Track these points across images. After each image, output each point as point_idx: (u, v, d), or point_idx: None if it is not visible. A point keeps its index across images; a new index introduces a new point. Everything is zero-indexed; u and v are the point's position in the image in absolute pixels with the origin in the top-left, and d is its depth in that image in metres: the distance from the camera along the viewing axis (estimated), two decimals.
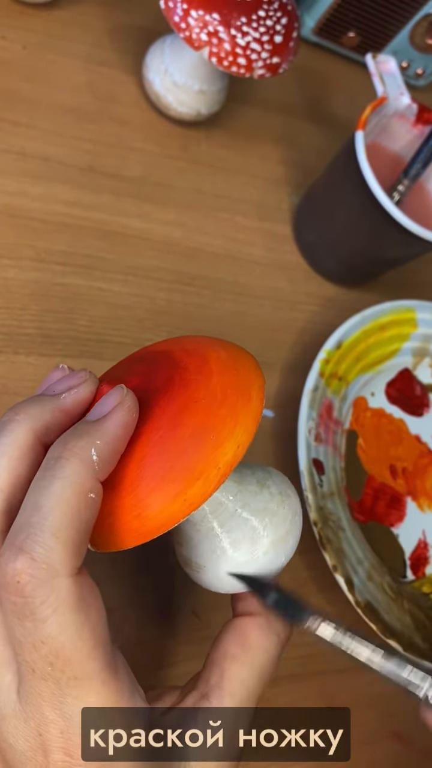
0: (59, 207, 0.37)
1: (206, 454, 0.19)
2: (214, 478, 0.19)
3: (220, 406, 0.19)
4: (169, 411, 0.20)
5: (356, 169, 0.36)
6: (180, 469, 0.19)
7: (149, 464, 0.19)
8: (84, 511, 0.18)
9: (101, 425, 0.19)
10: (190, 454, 0.19)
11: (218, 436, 0.19)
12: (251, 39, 0.35)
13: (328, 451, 0.37)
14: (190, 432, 0.19)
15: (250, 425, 0.19)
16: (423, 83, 0.56)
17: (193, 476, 0.19)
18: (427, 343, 0.44)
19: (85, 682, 0.18)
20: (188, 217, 0.41)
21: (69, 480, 0.18)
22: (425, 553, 0.39)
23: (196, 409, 0.19)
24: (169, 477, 0.19)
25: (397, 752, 0.34)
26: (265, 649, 0.22)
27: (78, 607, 0.17)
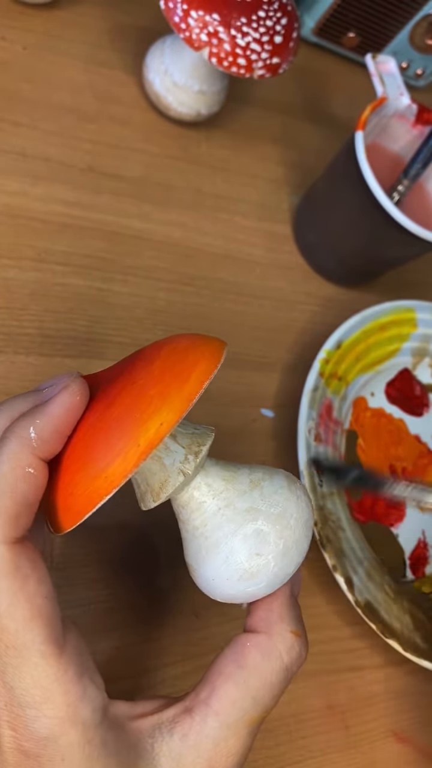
0: (59, 207, 0.37)
1: (127, 431, 0.19)
2: (133, 455, 0.19)
3: (152, 387, 0.20)
4: (108, 395, 0.20)
5: (356, 170, 0.36)
6: (101, 448, 0.19)
7: (79, 445, 0.20)
8: (20, 484, 0.19)
9: (44, 406, 0.20)
10: (113, 432, 0.19)
11: (142, 414, 0.19)
12: (251, 39, 0.35)
13: (328, 451, 0.37)
14: (118, 412, 0.19)
15: (178, 405, 0.19)
16: (423, 84, 0.56)
17: (112, 453, 0.19)
18: (427, 343, 0.44)
19: (23, 652, 0.18)
20: (188, 218, 0.41)
21: (5, 456, 0.19)
22: (425, 553, 0.39)
23: (129, 390, 0.20)
24: (92, 456, 0.19)
25: (397, 752, 0.34)
26: (262, 672, 0.20)
27: (13, 575, 0.18)
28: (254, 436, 0.37)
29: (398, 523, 0.39)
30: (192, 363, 0.20)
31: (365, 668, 0.35)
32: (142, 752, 0.19)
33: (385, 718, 0.35)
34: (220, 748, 0.20)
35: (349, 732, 0.34)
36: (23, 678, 0.18)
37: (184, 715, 0.20)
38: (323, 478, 0.21)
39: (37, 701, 0.18)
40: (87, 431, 0.20)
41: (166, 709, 0.20)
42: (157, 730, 0.20)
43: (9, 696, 0.18)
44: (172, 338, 0.22)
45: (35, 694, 0.18)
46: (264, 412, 0.38)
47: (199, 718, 0.20)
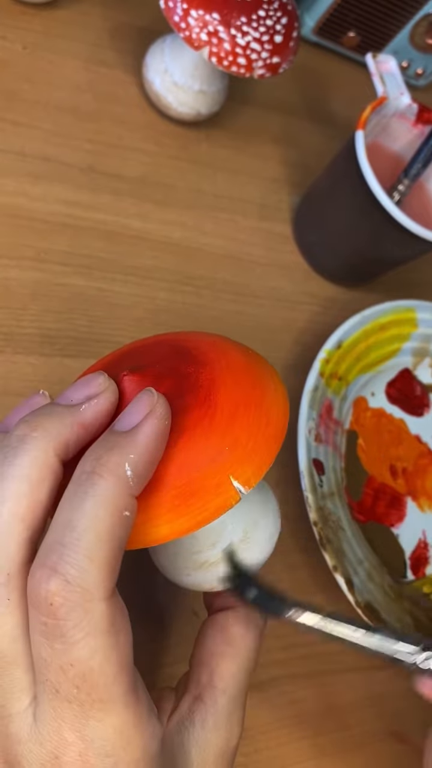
0: (59, 207, 0.37)
1: (219, 480, 0.19)
2: (216, 510, 0.19)
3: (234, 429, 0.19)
4: (179, 416, 0.19)
5: (356, 169, 0.36)
6: (197, 491, 0.19)
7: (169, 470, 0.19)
8: (118, 530, 0.17)
9: (134, 437, 0.18)
10: (205, 477, 0.19)
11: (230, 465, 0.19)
12: (251, 39, 0.35)
13: (328, 451, 0.37)
14: (202, 448, 0.19)
15: (263, 458, 0.19)
16: (423, 83, 0.56)
17: (203, 502, 0.19)
18: (427, 343, 0.44)
19: (109, 705, 0.17)
20: (188, 217, 0.41)
21: (102, 498, 0.17)
22: (425, 554, 0.39)
23: (209, 422, 0.19)
24: (186, 495, 0.19)
25: (398, 752, 0.34)
26: (248, 642, 0.22)
27: (109, 631, 0.17)
28: None
29: (399, 523, 0.39)
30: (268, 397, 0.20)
31: (365, 669, 0.35)
32: (177, 751, 0.20)
33: (385, 719, 0.35)
34: (232, 721, 0.21)
35: (350, 732, 0.33)
36: (105, 729, 0.17)
37: (197, 703, 0.21)
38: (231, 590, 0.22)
39: (117, 749, 0.18)
40: (177, 464, 0.19)
41: (179, 704, 0.21)
42: (182, 726, 0.21)
43: (85, 747, 0.17)
44: (215, 344, 0.22)
45: (116, 743, 0.18)
46: None
47: (211, 701, 0.21)
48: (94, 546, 0.16)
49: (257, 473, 0.19)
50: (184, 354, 0.21)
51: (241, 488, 0.19)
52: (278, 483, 0.36)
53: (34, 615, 0.17)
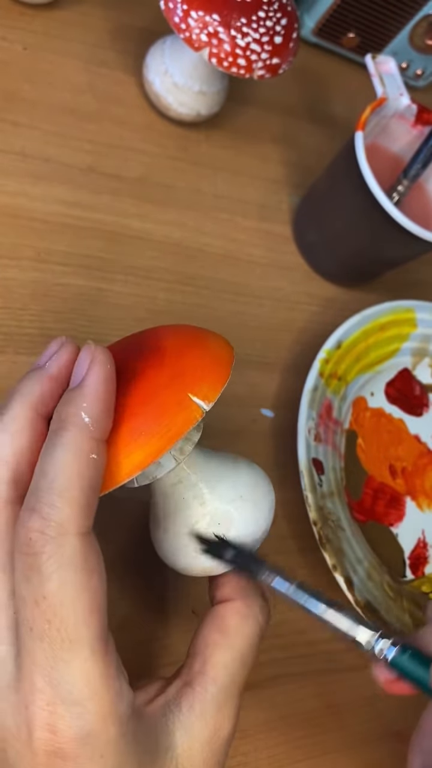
0: (59, 207, 0.37)
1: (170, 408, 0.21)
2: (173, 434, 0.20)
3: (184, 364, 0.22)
4: (134, 368, 0.21)
5: (356, 170, 0.36)
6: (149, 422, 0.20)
7: (125, 415, 0.21)
8: (86, 471, 0.19)
9: (83, 388, 0.20)
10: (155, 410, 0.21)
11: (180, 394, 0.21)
12: (251, 40, 0.35)
13: (327, 451, 0.37)
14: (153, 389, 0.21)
15: (215, 384, 0.22)
16: (422, 84, 0.56)
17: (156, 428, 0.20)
18: (427, 344, 0.44)
19: (77, 647, 0.18)
20: (188, 218, 0.41)
21: (68, 446, 0.19)
22: (424, 553, 0.39)
23: (159, 368, 0.21)
24: (140, 427, 0.20)
25: (397, 751, 0.34)
26: (245, 633, 0.22)
27: (82, 568, 0.18)
28: (254, 436, 0.37)
29: (398, 522, 0.39)
30: (211, 342, 0.23)
31: (365, 668, 0.35)
32: (160, 732, 0.20)
33: (384, 718, 0.35)
34: (223, 711, 0.21)
35: (349, 732, 0.34)
36: (73, 674, 0.18)
37: (186, 688, 0.21)
38: (205, 551, 0.23)
39: (83, 697, 0.18)
40: (126, 415, 0.21)
41: (168, 687, 0.22)
42: (167, 709, 0.21)
43: (52, 693, 0.18)
44: (176, 326, 0.24)
45: (83, 689, 0.18)
46: (264, 412, 0.38)
47: (200, 688, 0.21)
48: (65, 486, 0.18)
49: (213, 389, 0.21)
50: (145, 334, 0.24)
51: (202, 403, 0.20)
52: (278, 482, 0.36)
53: (18, 558, 0.18)
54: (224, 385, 0.21)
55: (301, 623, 0.34)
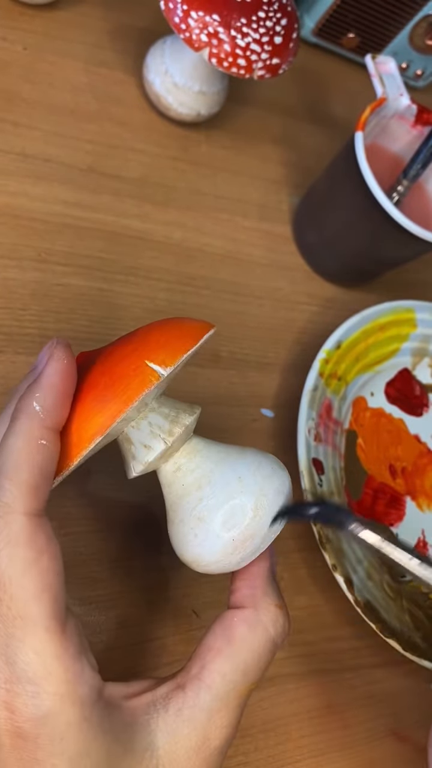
0: (60, 207, 0.37)
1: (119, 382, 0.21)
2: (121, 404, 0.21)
3: (144, 345, 0.22)
4: (103, 358, 0.22)
5: (356, 170, 0.36)
6: (98, 398, 0.21)
7: (82, 400, 0.21)
8: (35, 456, 0.19)
9: (38, 380, 0.21)
10: (107, 386, 0.21)
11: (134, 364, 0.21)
12: (251, 40, 0.35)
13: (327, 451, 0.37)
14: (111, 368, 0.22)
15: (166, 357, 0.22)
16: (422, 84, 0.57)
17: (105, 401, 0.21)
18: (427, 344, 0.44)
19: (29, 624, 0.18)
20: (188, 218, 0.41)
21: (18, 433, 0.20)
22: (424, 553, 0.39)
23: (122, 349, 0.22)
24: (92, 405, 0.21)
25: (397, 751, 0.34)
26: (251, 644, 0.21)
27: (29, 546, 0.18)
28: (254, 436, 0.37)
29: (398, 522, 0.39)
30: (186, 322, 0.23)
31: (365, 667, 0.35)
32: (138, 729, 0.20)
33: (384, 718, 0.35)
34: (214, 720, 0.20)
35: (349, 731, 0.34)
36: (26, 652, 0.18)
37: (177, 690, 0.21)
38: (285, 518, 0.23)
39: (38, 676, 0.18)
40: (86, 389, 0.22)
41: (158, 687, 0.21)
42: (152, 707, 0.20)
43: (9, 672, 0.18)
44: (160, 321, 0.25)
45: (37, 668, 0.18)
46: (264, 412, 0.38)
47: (192, 693, 0.20)
48: (13, 470, 0.19)
49: (172, 356, 0.21)
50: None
51: (159, 368, 0.21)
52: None
53: None
54: (185, 352, 0.22)
55: (302, 623, 0.34)
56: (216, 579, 0.32)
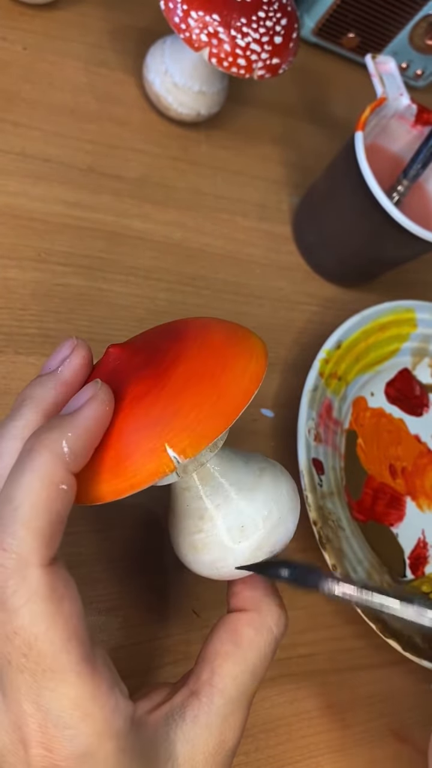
0: (60, 207, 0.37)
1: (154, 444, 0.19)
2: (153, 472, 0.19)
3: (183, 400, 0.20)
4: (137, 393, 0.20)
5: (356, 170, 0.36)
6: (132, 452, 0.19)
7: (113, 439, 0.20)
8: (54, 503, 0.18)
9: (74, 417, 0.19)
10: (142, 443, 0.19)
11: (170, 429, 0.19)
12: (251, 40, 0.35)
13: (327, 451, 0.37)
14: (146, 417, 0.20)
15: (207, 430, 0.19)
16: (422, 84, 0.57)
17: (140, 461, 0.19)
18: (427, 344, 0.44)
19: (59, 675, 0.17)
20: (188, 218, 0.41)
21: (39, 473, 0.18)
22: (424, 553, 0.39)
23: (159, 394, 0.20)
24: (124, 454, 0.19)
25: (397, 751, 0.34)
26: (258, 646, 0.22)
27: (50, 598, 0.17)
28: (254, 436, 0.37)
29: (398, 522, 0.39)
30: (229, 374, 0.20)
31: (365, 668, 0.35)
32: (161, 743, 0.20)
33: (384, 718, 0.35)
34: (229, 723, 0.21)
35: (349, 731, 0.34)
36: (60, 699, 0.18)
37: (192, 698, 0.21)
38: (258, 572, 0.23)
39: (75, 721, 0.18)
40: (119, 430, 0.20)
41: (173, 696, 0.21)
42: (170, 718, 0.20)
43: (43, 718, 0.18)
44: (204, 326, 0.22)
45: (73, 714, 0.18)
46: (264, 412, 0.38)
47: (206, 699, 0.21)
48: (30, 516, 0.17)
49: (195, 445, 0.19)
50: (170, 332, 0.22)
51: (177, 457, 0.19)
52: None
53: None
54: (211, 440, 0.19)
55: (302, 623, 0.34)
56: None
